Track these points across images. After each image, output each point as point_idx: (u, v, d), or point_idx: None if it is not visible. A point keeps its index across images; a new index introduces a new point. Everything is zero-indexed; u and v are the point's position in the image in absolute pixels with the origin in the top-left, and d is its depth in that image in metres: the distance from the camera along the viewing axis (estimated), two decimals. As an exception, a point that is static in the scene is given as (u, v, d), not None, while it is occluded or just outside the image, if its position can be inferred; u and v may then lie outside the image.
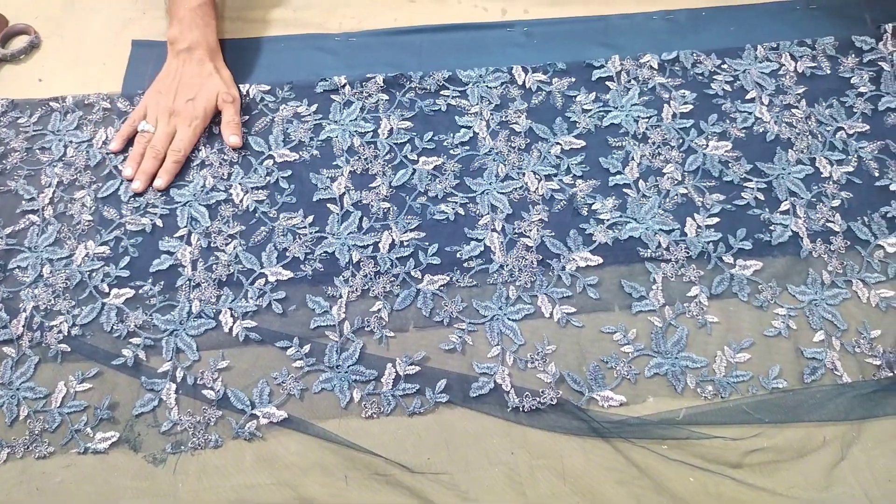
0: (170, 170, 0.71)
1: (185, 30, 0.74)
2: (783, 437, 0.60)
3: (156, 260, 0.68)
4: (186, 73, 0.74)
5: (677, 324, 0.65)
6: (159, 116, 0.73)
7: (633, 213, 0.70)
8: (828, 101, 0.76)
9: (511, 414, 0.61)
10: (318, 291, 0.66)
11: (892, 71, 0.78)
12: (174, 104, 0.73)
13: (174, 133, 0.73)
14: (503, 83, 0.78)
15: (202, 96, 0.73)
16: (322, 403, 0.62)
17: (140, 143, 0.72)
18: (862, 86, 0.77)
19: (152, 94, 0.74)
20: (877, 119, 0.76)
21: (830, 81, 0.78)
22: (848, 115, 0.76)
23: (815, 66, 0.78)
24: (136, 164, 0.72)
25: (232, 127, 0.73)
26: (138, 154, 0.72)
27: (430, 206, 0.71)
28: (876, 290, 0.67)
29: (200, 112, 0.73)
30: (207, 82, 0.74)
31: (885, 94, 0.77)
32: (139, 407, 0.61)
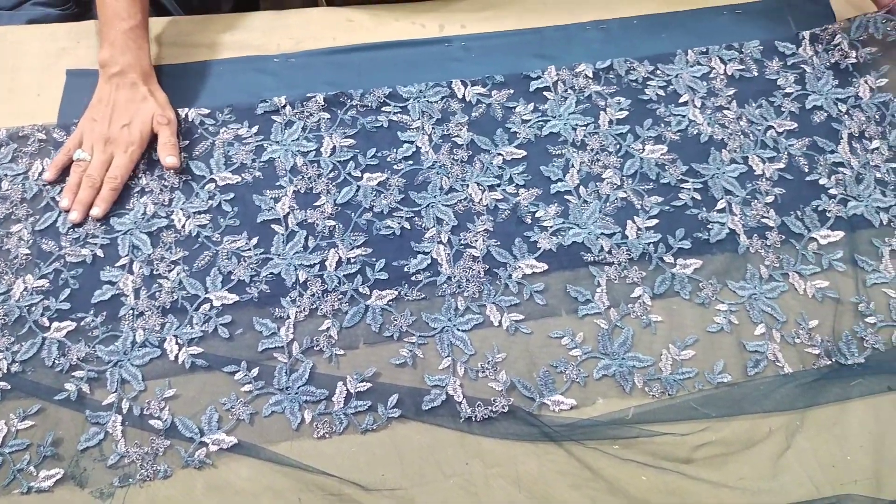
0: (107, 198, 0.70)
1: (116, 53, 0.73)
2: (730, 429, 0.62)
3: (97, 290, 0.66)
4: (120, 98, 0.73)
5: (623, 325, 0.66)
6: (95, 144, 0.72)
7: (576, 218, 0.71)
8: (757, 101, 0.79)
9: (464, 424, 0.61)
10: (265, 313, 0.66)
11: (814, 73, 0.81)
12: (109, 131, 0.72)
13: (110, 160, 0.72)
14: (443, 97, 0.79)
15: (137, 121, 0.72)
16: (273, 426, 0.61)
17: (76, 172, 0.71)
18: (788, 87, 0.80)
19: (86, 122, 0.73)
20: (804, 117, 0.79)
21: (758, 83, 0.81)
22: (777, 115, 0.78)
23: (743, 69, 0.81)
24: (73, 194, 0.70)
25: (168, 148, 0.72)
26: (74, 184, 0.71)
27: (375, 221, 0.71)
28: (812, 282, 0.69)
29: (136, 137, 0.72)
30: (142, 106, 0.73)
31: (811, 92, 0.80)
32: (84, 441, 0.60)
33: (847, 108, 0.79)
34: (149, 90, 0.74)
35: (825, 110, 0.79)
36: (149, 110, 0.73)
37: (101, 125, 0.72)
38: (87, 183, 0.70)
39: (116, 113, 0.73)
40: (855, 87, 0.80)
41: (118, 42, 0.73)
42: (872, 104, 0.79)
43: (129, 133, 0.72)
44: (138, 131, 0.72)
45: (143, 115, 0.73)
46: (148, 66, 0.75)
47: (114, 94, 0.73)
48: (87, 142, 0.72)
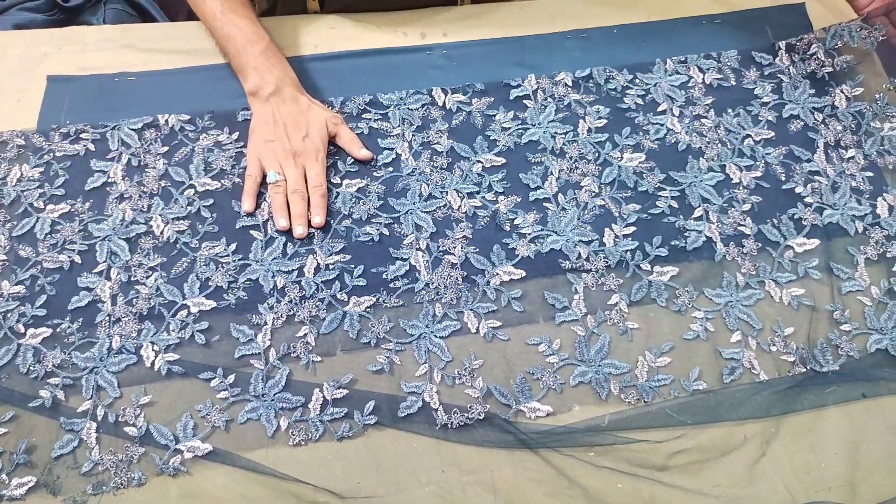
0: (321, 205, 0.71)
1: (265, 74, 0.74)
2: (706, 436, 0.62)
3: (74, 297, 0.66)
4: (287, 113, 0.74)
5: (599, 332, 0.66)
6: (282, 162, 0.72)
7: (554, 226, 0.71)
8: (735, 110, 0.80)
9: (440, 431, 0.61)
10: (243, 320, 0.66)
11: (791, 82, 0.82)
12: (293, 145, 0.72)
13: (304, 172, 0.72)
14: (424, 105, 0.79)
15: (314, 128, 0.73)
16: (248, 434, 0.61)
17: (278, 193, 0.71)
18: (765, 96, 0.81)
19: (260, 145, 0.73)
20: (781, 126, 0.79)
21: (736, 92, 0.81)
22: (754, 123, 0.79)
23: (721, 78, 0.82)
24: (285, 212, 0.70)
25: (356, 142, 0.74)
26: (282, 204, 0.71)
27: (354, 228, 0.71)
28: (787, 289, 0.69)
29: (320, 144, 0.73)
30: (311, 115, 0.74)
31: (788, 101, 0.81)
32: (58, 449, 0.59)
33: (823, 117, 0.80)
34: (307, 99, 0.75)
35: (802, 119, 0.80)
36: (320, 116, 0.74)
37: (280, 144, 0.73)
38: (297, 198, 0.71)
39: (291, 128, 0.73)
40: (831, 96, 0.81)
41: (261, 64, 0.74)
42: (848, 113, 0.80)
43: (311, 142, 0.73)
44: (319, 138, 0.73)
45: (317, 121, 0.74)
46: (295, 77, 0.77)
47: (279, 113, 0.74)
48: (271, 163, 0.72)
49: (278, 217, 0.70)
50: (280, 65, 0.76)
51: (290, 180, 0.71)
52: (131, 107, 0.78)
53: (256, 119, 0.75)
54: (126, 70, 0.80)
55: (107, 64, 0.80)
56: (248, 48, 0.75)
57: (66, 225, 0.70)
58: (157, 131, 0.76)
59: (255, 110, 0.75)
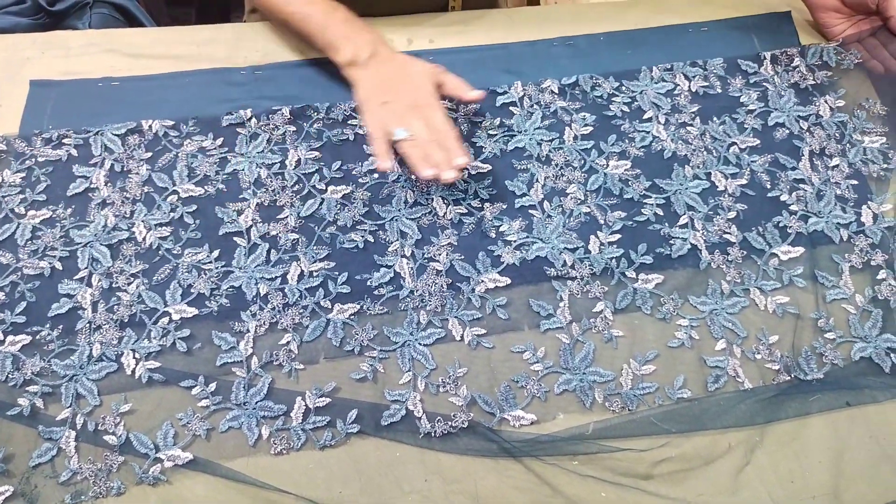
0: (459, 146, 0.69)
1: (357, 40, 0.74)
2: (690, 445, 0.62)
3: (55, 304, 0.65)
4: (390, 72, 0.74)
5: (584, 340, 0.66)
6: (405, 117, 0.71)
7: (539, 233, 0.71)
8: (720, 118, 0.80)
9: (423, 440, 0.61)
10: (225, 327, 0.65)
11: (776, 91, 0.83)
12: (410, 99, 0.72)
13: (429, 121, 0.71)
14: (410, 111, 0.79)
15: (422, 80, 0.73)
16: (229, 442, 0.60)
17: (412, 147, 0.70)
18: (751, 104, 0.81)
19: (377, 108, 0.72)
20: (766, 134, 0.79)
21: (722, 100, 0.81)
22: (740, 131, 0.79)
23: (707, 86, 0.82)
24: (427, 164, 0.68)
25: (463, 86, 0.73)
26: (422, 157, 0.69)
27: (339, 235, 0.71)
28: (772, 297, 0.69)
29: (432, 90, 0.73)
30: (414, 68, 0.74)
31: (773, 109, 0.81)
32: (36, 458, 0.58)
33: (808, 125, 0.80)
34: (402, 54, 0.75)
35: (787, 127, 0.80)
36: (422, 67, 0.74)
37: (396, 101, 0.72)
38: (434, 147, 0.69)
39: (400, 84, 0.73)
40: (815, 105, 0.81)
41: (349, 32, 0.74)
42: (832, 122, 0.80)
43: (425, 92, 0.72)
44: (429, 88, 0.73)
45: (422, 72, 0.74)
46: (381, 36, 0.76)
47: (383, 74, 0.74)
48: (396, 122, 0.71)
49: (423, 168, 0.68)
50: (366, 28, 0.76)
51: (421, 133, 0.70)
52: (115, 112, 0.77)
53: (364, 86, 0.74)
54: (110, 75, 0.79)
55: (91, 69, 0.80)
56: (330, 21, 0.74)
57: (48, 231, 0.69)
58: (140, 137, 0.75)
59: (359, 78, 0.74)
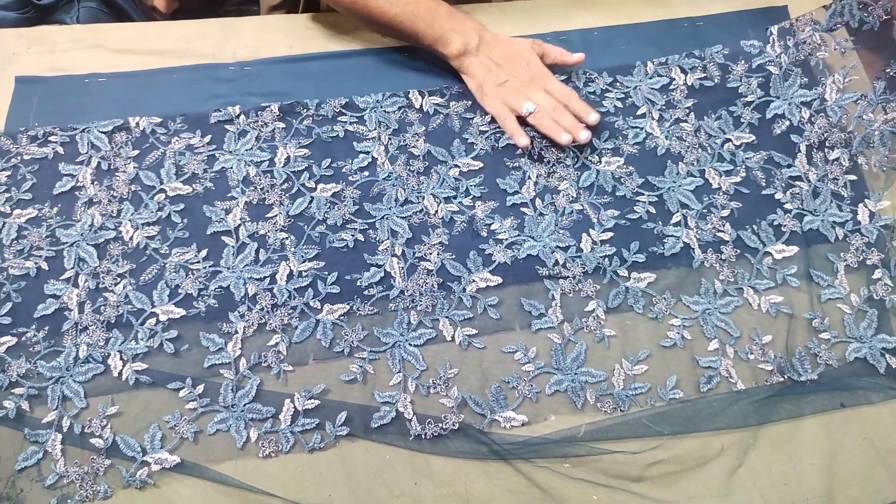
0: (584, 107, 0.74)
1: (463, 30, 0.76)
2: (682, 447, 0.61)
3: (41, 304, 0.65)
4: (500, 54, 0.76)
5: (576, 339, 0.65)
6: (526, 92, 0.75)
7: (531, 231, 0.70)
8: (717, 112, 0.78)
9: (413, 442, 0.60)
10: (213, 328, 0.64)
11: (781, 73, 0.80)
12: (525, 75, 0.75)
13: (549, 90, 0.75)
14: (401, 107, 0.77)
15: (528, 55, 0.76)
16: (217, 445, 0.60)
17: (544, 117, 0.74)
18: (750, 94, 0.79)
19: (496, 90, 0.76)
20: (763, 129, 0.78)
21: (719, 92, 0.80)
22: (736, 126, 0.78)
23: (704, 77, 0.80)
24: (560, 130, 0.73)
25: (564, 53, 0.77)
26: (552, 125, 0.73)
27: (329, 234, 0.70)
28: (766, 297, 0.68)
29: (541, 65, 0.76)
30: (518, 46, 0.77)
31: (774, 98, 0.79)
32: (22, 461, 0.58)
33: (810, 113, 0.78)
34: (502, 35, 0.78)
35: (787, 118, 0.78)
36: (524, 43, 0.77)
37: (514, 79, 0.76)
38: (562, 113, 0.74)
39: (512, 63, 0.76)
40: (822, 86, 0.79)
41: (455, 25, 0.76)
42: (838, 108, 0.78)
43: (536, 66, 0.76)
44: (537, 64, 0.76)
45: (526, 48, 0.77)
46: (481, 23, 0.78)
47: (493, 57, 0.76)
48: (520, 99, 0.75)
49: (559, 134, 0.73)
50: (468, 17, 0.78)
51: (546, 102, 0.74)
52: (102, 109, 0.76)
53: (478, 72, 0.77)
54: (97, 71, 0.78)
55: (77, 65, 0.79)
56: (436, 17, 0.76)
57: (33, 230, 0.68)
58: (127, 134, 0.74)
59: (471, 65, 0.77)
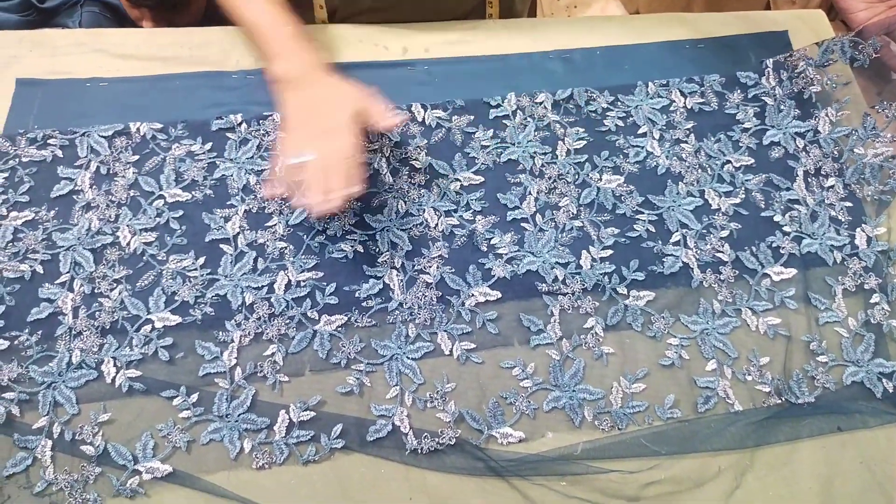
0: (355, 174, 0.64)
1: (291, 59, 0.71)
2: (680, 467, 0.61)
3: (34, 308, 0.64)
4: (313, 97, 0.70)
5: (574, 356, 0.65)
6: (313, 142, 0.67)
7: (531, 246, 0.70)
8: (716, 135, 0.79)
9: (409, 457, 0.60)
10: (209, 337, 0.64)
11: (776, 104, 0.81)
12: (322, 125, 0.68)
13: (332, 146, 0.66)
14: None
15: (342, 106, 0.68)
16: (210, 455, 0.59)
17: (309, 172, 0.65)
18: (747, 121, 0.80)
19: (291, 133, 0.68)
20: (761, 153, 0.79)
21: (718, 117, 0.81)
22: (734, 149, 0.79)
23: (703, 102, 0.81)
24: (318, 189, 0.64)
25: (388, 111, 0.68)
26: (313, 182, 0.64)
27: (328, 244, 0.69)
28: (764, 318, 0.69)
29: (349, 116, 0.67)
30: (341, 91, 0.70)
31: (770, 127, 0.80)
32: (10, 467, 0.57)
33: (805, 143, 0.79)
34: (335, 79, 0.71)
35: (783, 146, 0.79)
36: (348, 92, 0.69)
37: (310, 126, 0.68)
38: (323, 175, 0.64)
39: (319, 109, 0.69)
40: (815, 119, 0.80)
41: (287, 51, 0.72)
42: (830, 139, 0.79)
43: (340, 119, 0.67)
44: (346, 113, 0.67)
45: (345, 98, 0.69)
46: (321, 60, 0.73)
47: (306, 97, 0.70)
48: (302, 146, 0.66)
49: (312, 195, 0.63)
50: (308, 49, 0.73)
51: (320, 158, 0.65)
52: (102, 113, 0.76)
53: (286, 106, 0.71)
54: (98, 75, 0.78)
55: (79, 68, 0.78)
56: (276, 35, 0.73)
57: (30, 233, 0.68)
58: (127, 139, 0.74)
59: (283, 96, 0.71)
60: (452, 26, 0.86)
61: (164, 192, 0.71)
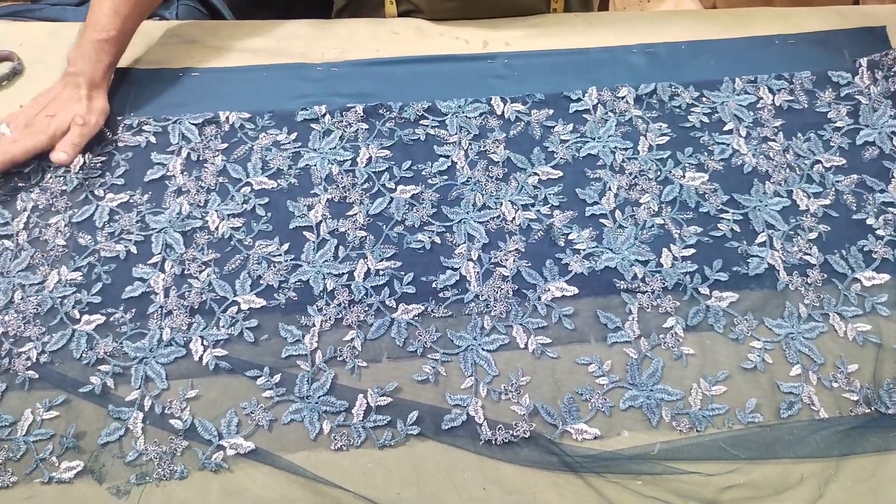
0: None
1: (79, 57, 0.76)
2: (760, 472, 0.59)
3: (128, 287, 0.67)
4: (63, 94, 0.76)
5: (653, 356, 0.64)
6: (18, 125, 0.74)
7: (610, 243, 0.70)
8: (805, 134, 0.76)
9: (483, 447, 0.60)
10: (291, 320, 0.66)
11: (870, 104, 0.78)
12: (35, 117, 0.74)
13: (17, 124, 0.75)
14: (482, 113, 0.78)
15: (61, 116, 0.74)
16: (291, 435, 0.61)
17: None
18: (839, 120, 0.78)
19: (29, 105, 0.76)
20: (854, 153, 0.76)
21: (808, 115, 0.78)
22: (825, 149, 0.76)
23: (792, 100, 0.79)
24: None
25: (66, 144, 0.74)
26: None
27: (406, 235, 0.70)
28: (853, 324, 0.66)
29: (52, 129, 0.74)
30: (73, 105, 0.75)
31: (864, 126, 0.77)
32: (105, 436, 0.60)
33: None
34: (88, 95, 0.76)
35: (878, 145, 0.76)
36: (75, 110, 0.74)
37: (32, 110, 0.75)
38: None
39: (52, 104, 0.75)
40: None
41: (84, 49, 0.76)
42: None
43: (47, 123, 0.74)
44: (56, 124, 0.74)
45: (69, 112, 0.74)
46: (99, 78, 0.77)
47: (59, 89, 0.76)
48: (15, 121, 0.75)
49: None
50: (95, 62, 0.76)
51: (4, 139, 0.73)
52: (193, 102, 0.79)
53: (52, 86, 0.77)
54: (190, 65, 0.81)
55: (172, 58, 0.82)
56: (88, 31, 0.76)
57: (125, 214, 0.71)
58: (217, 128, 0.77)
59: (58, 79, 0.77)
60: (533, 21, 0.86)
61: (251, 180, 0.73)
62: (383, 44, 0.83)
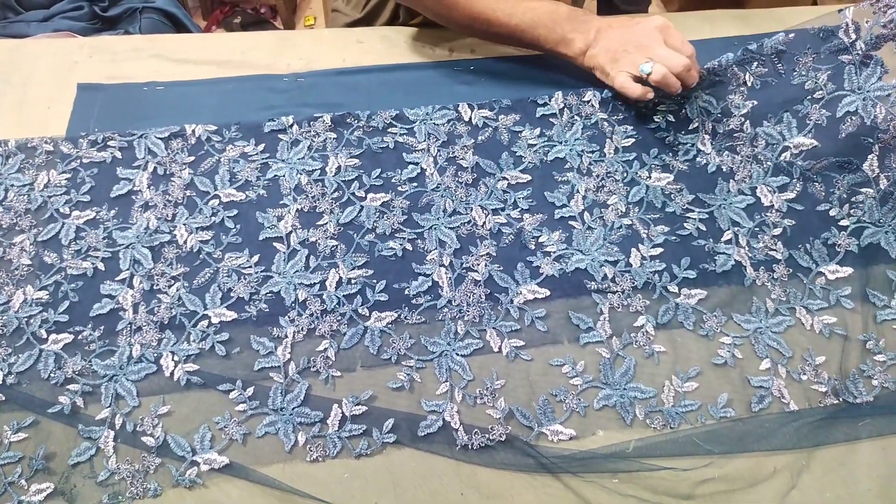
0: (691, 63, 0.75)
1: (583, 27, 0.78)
2: (733, 466, 0.60)
3: (96, 304, 0.66)
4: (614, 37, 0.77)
5: (625, 354, 0.65)
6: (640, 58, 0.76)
7: (579, 245, 0.70)
8: (777, 115, 0.75)
9: (460, 452, 0.60)
10: (263, 332, 0.65)
11: (857, 59, 0.72)
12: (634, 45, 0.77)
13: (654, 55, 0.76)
14: (450, 120, 0.78)
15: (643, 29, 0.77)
16: (265, 448, 0.60)
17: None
18: (818, 90, 0.74)
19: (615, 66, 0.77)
20: (831, 128, 0.73)
21: (783, 90, 0.75)
22: (799, 129, 0.74)
23: (765, 74, 0.76)
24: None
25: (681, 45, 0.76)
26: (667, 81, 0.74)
27: (377, 242, 0.70)
28: (819, 317, 0.67)
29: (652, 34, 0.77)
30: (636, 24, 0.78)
31: (848, 92, 0.72)
32: (76, 456, 0.59)
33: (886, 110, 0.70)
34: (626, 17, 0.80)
35: (860, 114, 0.71)
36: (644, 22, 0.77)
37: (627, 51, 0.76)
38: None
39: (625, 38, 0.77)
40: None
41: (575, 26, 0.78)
42: None
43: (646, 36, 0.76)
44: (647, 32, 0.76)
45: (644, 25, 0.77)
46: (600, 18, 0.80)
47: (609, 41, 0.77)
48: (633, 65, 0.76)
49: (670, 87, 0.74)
50: (586, 14, 0.79)
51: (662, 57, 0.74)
52: (159, 116, 0.78)
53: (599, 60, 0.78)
54: (155, 79, 0.80)
55: (137, 73, 0.81)
56: (556, 21, 0.78)
57: (91, 231, 0.70)
58: (183, 141, 0.76)
59: (593, 57, 0.79)
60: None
61: (219, 192, 0.73)
62: (349, 53, 0.84)
